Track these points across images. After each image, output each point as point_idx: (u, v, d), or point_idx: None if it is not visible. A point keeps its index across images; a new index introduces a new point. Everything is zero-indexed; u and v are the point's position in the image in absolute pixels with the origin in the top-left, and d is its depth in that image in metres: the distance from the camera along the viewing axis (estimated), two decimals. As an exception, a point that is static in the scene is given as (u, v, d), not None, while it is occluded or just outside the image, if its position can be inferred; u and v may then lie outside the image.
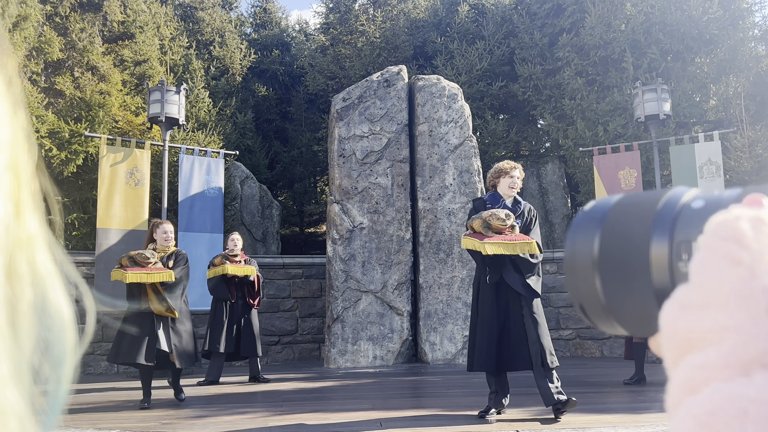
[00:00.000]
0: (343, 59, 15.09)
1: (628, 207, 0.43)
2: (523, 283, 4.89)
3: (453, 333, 9.51)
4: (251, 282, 7.77)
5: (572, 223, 0.47)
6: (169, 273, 5.91)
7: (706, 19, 11.62)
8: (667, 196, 0.41)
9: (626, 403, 5.77)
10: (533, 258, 4.91)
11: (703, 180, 9.63)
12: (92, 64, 10.74)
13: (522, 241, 4.82)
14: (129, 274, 5.78)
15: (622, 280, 0.41)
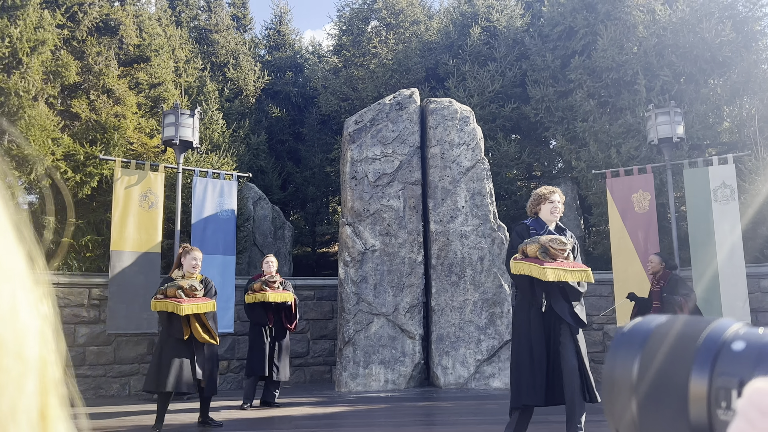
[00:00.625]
0: (356, 81, 15.19)
1: (668, 335, 0.43)
2: (570, 312, 4.75)
3: (465, 357, 9.44)
4: (288, 306, 7.75)
5: (612, 342, 0.47)
6: (212, 303, 6.13)
7: (719, 41, 11.60)
8: (709, 330, 0.41)
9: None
10: (581, 287, 4.78)
11: (717, 203, 9.55)
12: (108, 87, 10.86)
13: (580, 269, 4.70)
14: (184, 307, 5.89)
15: (659, 409, 0.41)
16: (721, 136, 11.91)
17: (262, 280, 7.62)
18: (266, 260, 7.96)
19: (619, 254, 10.12)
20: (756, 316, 9.64)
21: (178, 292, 6.00)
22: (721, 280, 9.30)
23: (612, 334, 10.62)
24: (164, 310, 6.00)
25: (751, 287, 9.57)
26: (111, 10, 11.34)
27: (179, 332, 5.97)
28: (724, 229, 9.45)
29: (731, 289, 9.25)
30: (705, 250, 9.52)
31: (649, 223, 9.98)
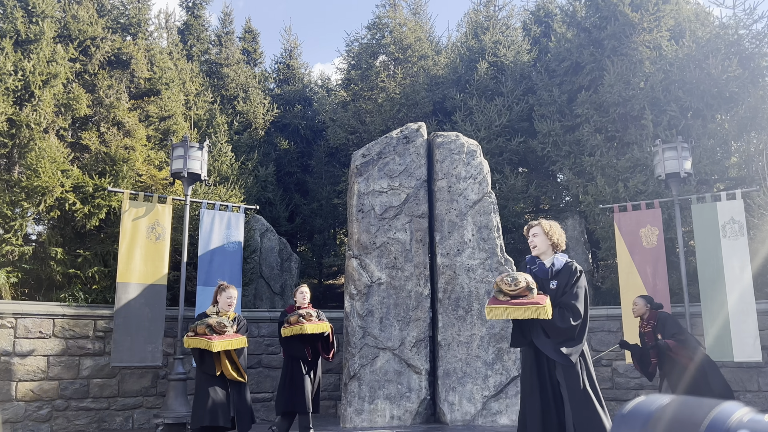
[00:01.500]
0: (364, 114, 15.30)
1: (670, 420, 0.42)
2: (554, 348, 4.57)
3: (472, 393, 9.32)
4: (326, 336, 7.65)
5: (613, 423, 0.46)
6: (243, 339, 6.18)
7: (726, 77, 11.64)
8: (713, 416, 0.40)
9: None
10: (561, 322, 4.56)
11: (726, 239, 9.48)
12: (118, 119, 10.98)
13: (530, 305, 4.51)
14: (215, 343, 5.97)
15: None
16: (729, 171, 11.88)
17: (299, 313, 7.51)
18: (300, 290, 7.90)
19: (627, 289, 10.03)
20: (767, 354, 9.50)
21: (207, 329, 6.08)
22: (732, 316, 9.19)
23: (621, 371, 10.48)
24: (197, 347, 6.09)
25: (763, 324, 9.45)
26: (123, 44, 11.52)
27: (211, 369, 6.06)
28: (734, 264, 9.37)
29: (742, 326, 9.13)
30: (714, 286, 9.43)
31: (657, 258, 9.91)
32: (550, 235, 4.89)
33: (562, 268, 4.80)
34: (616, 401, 10.46)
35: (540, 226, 4.93)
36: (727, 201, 9.62)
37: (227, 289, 6.43)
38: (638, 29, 12.84)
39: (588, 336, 10.75)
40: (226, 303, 6.39)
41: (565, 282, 4.74)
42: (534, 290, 4.61)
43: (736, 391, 9.69)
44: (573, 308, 4.62)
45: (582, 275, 4.79)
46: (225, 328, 6.09)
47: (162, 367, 9.53)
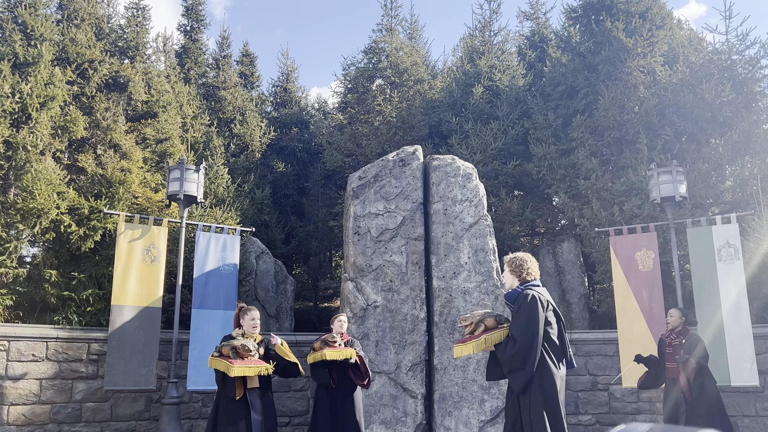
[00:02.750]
0: (360, 137, 15.37)
1: None
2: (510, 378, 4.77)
3: (468, 417, 9.25)
4: (354, 363, 7.38)
5: None
6: (267, 366, 6.06)
7: (719, 102, 11.75)
8: None
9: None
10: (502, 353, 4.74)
11: (722, 263, 9.49)
12: (115, 142, 11.00)
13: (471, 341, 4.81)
14: (235, 368, 5.88)
15: None
16: (723, 195, 11.94)
17: (322, 339, 7.35)
18: (338, 318, 7.67)
19: (623, 313, 10.02)
20: (764, 378, 9.46)
21: (231, 352, 6.03)
22: (728, 340, 9.17)
23: (617, 395, 10.43)
24: (217, 368, 6.04)
25: (759, 348, 9.42)
26: (121, 67, 11.59)
27: (232, 392, 5.97)
28: (730, 288, 9.37)
29: (738, 350, 9.11)
30: (710, 309, 9.41)
31: (653, 282, 9.91)
32: (513, 267, 5.02)
33: (516, 298, 4.91)
34: (614, 426, 10.38)
35: (505, 262, 5.12)
36: (722, 225, 9.65)
37: (249, 312, 6.34)
38: (632, 54, 12.98)
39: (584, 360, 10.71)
40: (250, 325, 6.29)
41: (515, 310, 4.87)
42: (482, 326, 4.80)
43: (733, 416, 9.64)
44: (513, 336, 4.76)
45: (528, 300, 4.77)
46: (249, 352, 6.00)
47: (156, 391, 9.44)
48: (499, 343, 4.79)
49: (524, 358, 4.62)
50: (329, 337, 7.35)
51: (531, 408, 4.60)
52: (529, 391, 4.62)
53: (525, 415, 4.62)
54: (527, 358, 4.62)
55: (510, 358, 4.65)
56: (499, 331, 4.82)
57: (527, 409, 4.62)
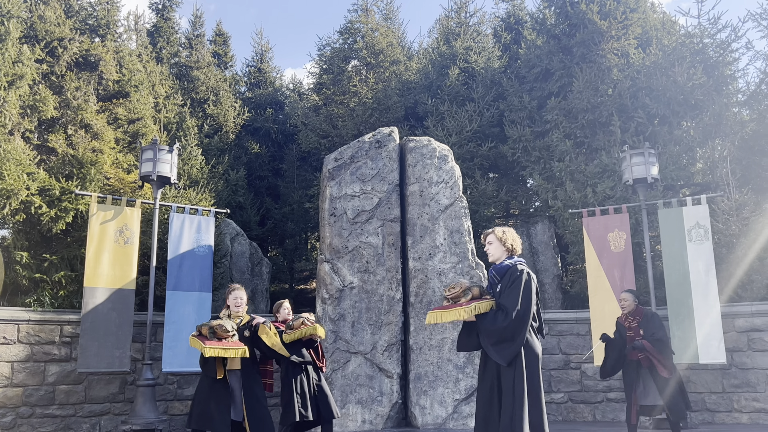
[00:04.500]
0: (336, 118, 15.29)
1: None
2: (493, 350, 4.71)
3: (443, 396, 9.36)
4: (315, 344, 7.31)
5: None
6: (244, 349, 5.98)
7: (691, 84, 11.89)
8: None
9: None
10: (492, 324, 4.69)
11: (691, 243, 9.67)
12: (86, 122, 10.82)
13: (458, 308, 4.75)
14: (207, 349, 5.86)
15: None
16: (694, 177, 12.13)
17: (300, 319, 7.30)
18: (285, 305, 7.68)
19: (595, 293, 10.17)
20: (731, 356, 9.70)
21: (208, 331, 5.99)
22: (696, 319, 9.37)
23: (589, 374, 10.61)
24: (194, 347, 6.02)
25: (726, 327, 9.65)
26: (91, 45, 11.36)
27: (212, 371, 5.94)
28: (699, 268, 9.56)
29: (706, 329, 9.32)
30: (680, 289, 9.60)
31: (624, 262, 10.07)
32: (504, 241, 5.01)
33: (505, 271, 4.91)
34: (585, 404, 10.59)
35: (494, 234, 5.07)
36: (692, 206, 9.82)
37: (234, 291, 6.31)
38: (606, 37, 13.06)
39: (557, 339, 10.88)
40: (233, 305, 6.27)
41: (506, 283, 4.85)
42: (469, 294, 4.75)
43: (701, 393, 9.88)
44: (504, 307, 4.73)
45: (522, 275, 4.82)
46: (227, 332, 5.96)
47: (130, 373, 9.39)
48: (484, 314, 4.74)
49: (517, 331, 4.67)
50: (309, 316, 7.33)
51: (515, 379, 4.64)
52: (514, 362, 4.66)
53: (506, 385, 4.64)
54: (520, 331, 4.67)
55: (501, 330, 4.66)
56: (485, 301, 4.77)
57: (510, 379, 4.64)
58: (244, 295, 6.35)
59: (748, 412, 9.57)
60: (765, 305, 9.71)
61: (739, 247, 10.31)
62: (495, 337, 4.68)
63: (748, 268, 10.13)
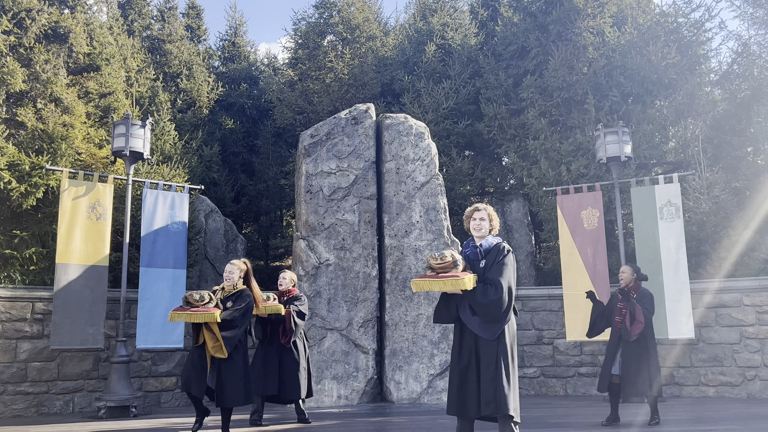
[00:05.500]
0: (312, 94, 15.17)
1: None
2: (478, 323, 4.73)
3: (418, 371, 9.45)
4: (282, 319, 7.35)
5: None
6: (211, 314, 6.04)
7: (665, 64, 12.00)
8: None
9: (590, 446, 5.77)
10: (483, 297, 4.71)
11: (663, 221, 9.83)
12: (56, 95, 10.59)
13: (452, 278, 4.66)
14: (171, 313, 6.21)
15: None
16: (666, 156, 12.29)
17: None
18: (280, 275, 7.81)
19: (568, 270, 10.31)
20: (699, 331, 9.93)
21: (183, 299, 6.24)
22: (666, 295, 9.56)
23: (562, 349, 10.79)
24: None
25: (695, 303, 9.86)
26: (60, 17, 11.08)
27: (195, 338, 6.22)
28: (670, 246, 9.73)
29: (676, 305, 9.51)
30: (651, 266, 9.76)
31: (597, 240, 10.21)
32: (491, 218, 5.07)
33: (491, 248, 4.95)
34: (557, 378, 10.77)
35: (486, 211, 5.08)
36: (664, 184, 9.96)
37: (228, 264, 6.47)
38: (582, 15, 13.09)
39: (530, 315, 11.02)
40: (225, 277, 6.42)
41: (493, 259, 4.88)
42: (459, 266, 4.75)
43: (670, 367, 10.11)
44: (495, 282, 4.75)
45: (510, 254, 4.91)
46: (199, 301, 6.08)
47: (104, 350, 9.32)
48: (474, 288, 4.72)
49: (506, 306, 4.74)
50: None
51: (498, 352, 4.71)
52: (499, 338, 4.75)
53: (488, 359, 4.68)
54: (508, 306, 4.76)
55: (491, 304, 4.70)
56: (474, 275, 4.78)
57: (493, 353, 4.69)
58: (235, 268, 6.39)
59: (715, 386, 9.83)
60: (733, 282, 9.93)
61: (708, 225, 10.50)
62: (486, 311, 4.71)
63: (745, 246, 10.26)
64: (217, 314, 6.04)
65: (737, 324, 9.81)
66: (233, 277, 6.35)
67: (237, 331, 6.13)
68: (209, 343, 6.08)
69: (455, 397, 4.78)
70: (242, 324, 6.18)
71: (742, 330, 9.75)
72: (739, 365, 9.73)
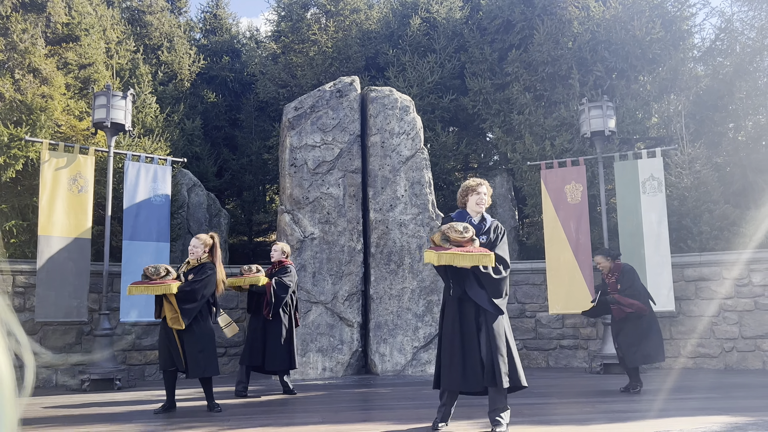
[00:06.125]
0: (295, 68, 15.01)
1: None
2: (487, 299, 4.79)
3: (403, 344, 9.52)
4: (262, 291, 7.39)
5: None
6: (167, 286, 6.07)
7: (649, 39, 12.02)
8: None
9: (573, 414, 5.87)
10: (496, 273, 4.80)
11: (645, 195, 9.91)
12: (34, 66, 10.39)
13: (479, 253, 4.68)
14: (129, 287, 6.26)
15: None
16: (649, 131, 12.36)
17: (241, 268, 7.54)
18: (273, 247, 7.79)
19: (551, 244, 10.39)
20: (680, 304, 10.08)
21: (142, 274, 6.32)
22: (648, 269, 9.68)
23: (544, 322, 10.91)
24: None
25: (676, 276, 9.99)
26: (38, -15, 10.83)
27: (157, 312, 6.28)
28: (652, 220, 9.83)
29: (657, 278, 9.64)
30: (633, 240, 9.88)
31: (580, 214, 10.28)
32: (489, 195, 5.19)
33: (493, 225, 5.06)
34: (539, 350, 10.91)
35: (487, 185, 5.16)
36: (647, 159, 10.03)
37: (193, 239, 6.46)
38: (568, -11, 13.04)
39: (513, 289, 11.09)
40: (189, 251, 6.41)
41: (495, 237, 4.99)
42: (476, 242, 4.77)
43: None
44: (503, 261, 4.89)
45: (505, 234, 5.11)
46: (154, 275, 6.16)
47: (87, 323, 9.27)
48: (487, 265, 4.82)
49: (508, 282, 5.00)
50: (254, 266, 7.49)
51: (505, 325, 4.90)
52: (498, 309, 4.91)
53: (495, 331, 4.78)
54: (508, 282, 5.01)
55: (503, 281, 4.88)
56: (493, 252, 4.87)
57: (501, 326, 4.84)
58: (200, 242, 6.38)
59: (694, 358, 10.00)
60: (713, 255, 10.07)
61: (690, 200, 10.61)
62: (494, 287, 4.83)
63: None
64: (174, 286, 6.09)
65: (716, 297, 9.96)
66: (197, 251, 6.36)
67: (196, 303, 6.13)
68: (168, 315, 6.14)
69: (459, 372, 4.78)
70: (201, 296, 6.17)
71: (721, 303, 9.91)
72: (718, 337, 9.91)
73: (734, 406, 6.00)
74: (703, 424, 4.97)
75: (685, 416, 5.42)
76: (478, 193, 5.03)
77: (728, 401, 6.35)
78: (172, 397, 6.35)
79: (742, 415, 5.40)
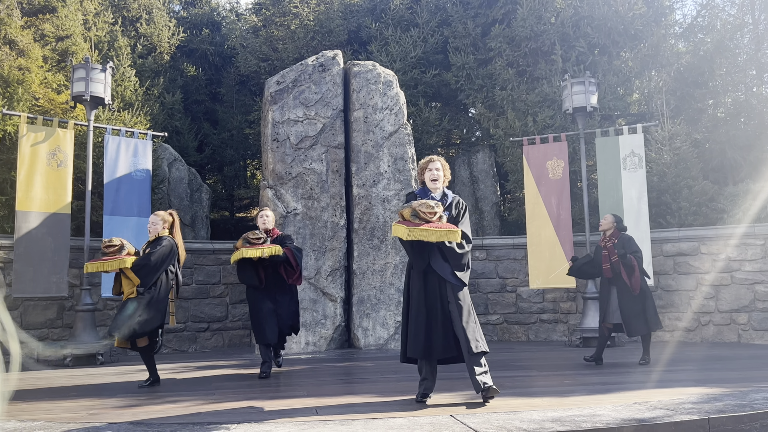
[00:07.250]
0: (276, 41, 14.85)
1: None
2: (450, 272, 4.99)
3: (385, 319, 9.59)
4: (285, 260, 6.84)
5: None
6: (122, 261, 6.17)
7: (632, 15, 12.03)
8: None
9: (553, 386, 5.97)
10: (460, 248, 5.00)
11: (626, 171, 10.01)
12: (10, 38, 10.17)
13: (447, 230, 4.84)
14: (86, 265, 6.51)
15: None
16: (630, 108, 12.43)
17: (243, 237, 6.85)
18: (260, 214, 7.12)
19: (533, 219, 10.47)
20: (658, 279, 10.23)
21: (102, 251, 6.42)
22: (628, 244, 9.78)
23: (524, 297, 11.03)
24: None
25: (655, 251, 10.14)
26: (12, -46, 10.57)
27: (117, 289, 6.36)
28: (632, 195, 9.94)
29: (636, 253, 9.75)
30: (613, 215, 9.98)
31: (562, 190, 10.36)
32: (444, 169, 5.26)
33: (455, 201, 5.20)
34: (520, 324, 11.05)
35: (440, 161, 5.26)
36: (628, 135, 10.11)
37: (152, 215, 6.52)
38: (551, -36, 12.97)
39: (494, 264, 11.18)
40: (148, 228, 6.47)
41: (457, 213, 5.16)
42: (443, 218, 4.90)
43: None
44: (466, 236, 5.06)
45: (466, 209, 5.26)
46: (111, 248, 6.26)
47: (68, 299, 9.22)
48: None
49: (469, 257, 5.14)
50: (251, 234, 6.86)
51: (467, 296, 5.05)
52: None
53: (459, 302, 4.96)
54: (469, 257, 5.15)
55: (466, 255, 5.06)
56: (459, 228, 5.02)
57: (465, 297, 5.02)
58: (159, 219, 6.45)
59: (671, 331, 10.19)
60: (691, 231, 10.22)
61: (669, 176, 10.72)
62: (458, 260, 5.00)
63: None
64: (129, 261, 6.16)
65: (694, 272, 10.13)
66: (156, 227, 6.42)
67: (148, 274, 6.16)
68: (126, 289, 6.20)
69: (422, 340, 4.97)
70: (155, 264, 6.20)
71: (698, 277, 10.08)
72: (695, 311, 10.09)
73: (710, 377, 6.14)
74: (681, 396, 5.09)
75: (662, 388, 5.54)
76: (430, 170, 5.18)
77: (704, 373, 6.50)
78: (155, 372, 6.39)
79: (718, 386, 5.54)
